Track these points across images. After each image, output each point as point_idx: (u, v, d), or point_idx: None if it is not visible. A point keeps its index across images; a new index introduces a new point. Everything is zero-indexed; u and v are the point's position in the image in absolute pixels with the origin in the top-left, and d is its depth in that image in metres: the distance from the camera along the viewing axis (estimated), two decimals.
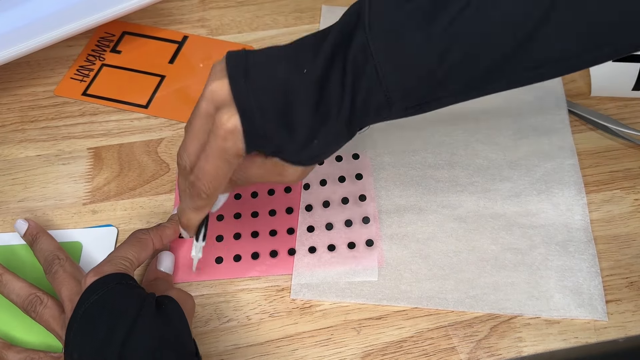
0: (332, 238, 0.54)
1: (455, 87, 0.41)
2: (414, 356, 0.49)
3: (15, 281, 0.49)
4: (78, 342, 0.42)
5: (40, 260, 0.51)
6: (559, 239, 0.54)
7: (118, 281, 0.45)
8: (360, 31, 0.40)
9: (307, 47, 0.42)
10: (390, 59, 0.39)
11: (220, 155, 0.41)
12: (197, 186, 0.43)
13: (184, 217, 0.47)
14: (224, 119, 0.40)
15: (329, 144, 0.43)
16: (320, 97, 0.41)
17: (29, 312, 0.48)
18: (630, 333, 0.50)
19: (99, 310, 0.43)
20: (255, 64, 0.41)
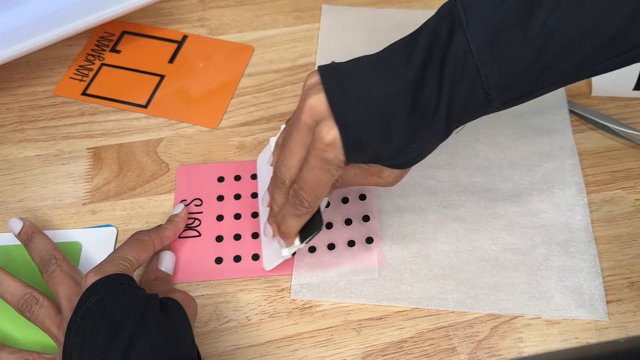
0: (332, 237, 0.54)
1: (550, 80, 0.42)
2: (414, 356, 0.49)
3: (10, 280, 0.48)
4: (78, 343, 0.42)
5: (35, 259, 0.50)
6: (560, 239, 0.54)
7: (120, 282, 0.45)
8: (459, 31, 0.41)
9: (398, 53, 0.43)
10: (491, 57, 0.40)
11: (322, 166, 0.43)
12: (300, 196, 0.45)
13: (285, 224, 0.47)
14: (323, 131, 0.42)
15: (426, 146, 0.45)
16: (415, 102, 0.41)
17: (24, 311, 0.47)
18: (631, 333, 0.50)
19: (101, 310, 0.43)
20: (348, 76, 0.43)
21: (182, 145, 0.61)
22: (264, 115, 0.63)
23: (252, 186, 0.58)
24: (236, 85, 0.65)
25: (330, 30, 0.69)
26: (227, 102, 0.64)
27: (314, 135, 0.43)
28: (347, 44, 0.68)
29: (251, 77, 0.66)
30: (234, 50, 0.68)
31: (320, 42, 0.68)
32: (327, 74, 0.43)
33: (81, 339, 0.42)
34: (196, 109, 0.64)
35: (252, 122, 0.63)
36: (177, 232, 0.54)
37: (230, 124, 0.62)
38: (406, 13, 0.70)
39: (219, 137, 0.61)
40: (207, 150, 0.60)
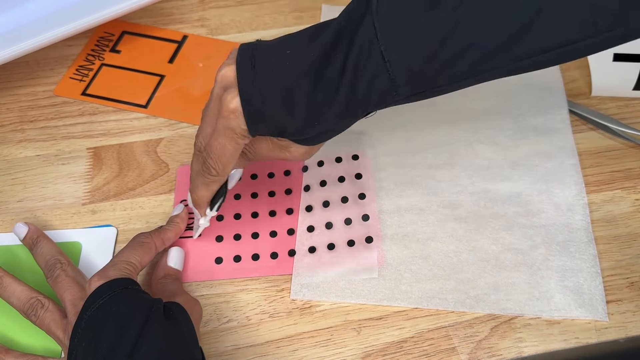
0: (332, 237, 0.54)
1: (456, 72, 0.42)
2: (414, 357, 0.49)
3: (15, 284, 0.48)
4: (83, 347, 0.42)
5: (40, 264, 0.50)
6: (560, 239, 0.54)
7: (124, 286, 0.45)
8: (368, 16, 0.41)
9: (308, 33, 0.44)
10: (396, 42, 0.40)
11: (226, 134, 0.44)
12: (207, 163, 0.46)
13: (195, 193, 0.49)
14: (227, 99, 0.44)
15: (329, 125, 0.45)
16: (318, 79, 0.42)
17: (30, 315, 0.47)
18: (631, 333, 0.50)
19: (105, 315, 0.43)
20: (262, 51, 0.44)
21: (182, 145, 0.61)
22: None
23: (252, 186, 0.58)
24: None
25: None
26: None
27: (220, 102, 0.44)
28: None
29: None
30: None
31: None
32: (245, 49, 0.44)
33: (86, 343, 0.42)
34: (196, 109, 0.63)
35: None
36: (178, 233, 0.54)
37: None
38: None
39: None
40: None
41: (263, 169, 0.59)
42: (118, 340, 0.41)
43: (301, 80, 0.42)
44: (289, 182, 0.58)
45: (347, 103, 0.43)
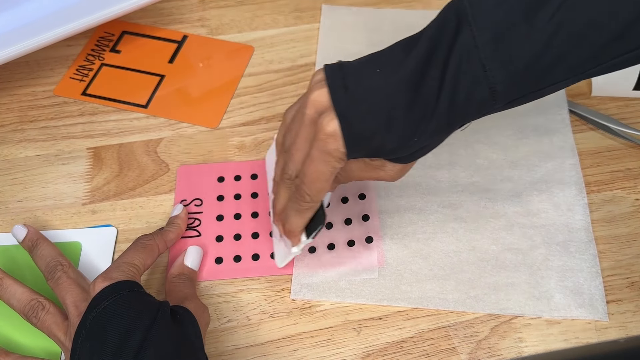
0: (332, 237, 0.54)
1: (557, 76, 0.41)
2: (414, 356, 0.49)
3: (15, 286, 0.48)
4: (87, 348, 0.42)
5: (41, 266, 0.50)
6: (560, 239, 0.54)
7: (129, 288, 0.45)
8: (465, 25, 0.40)
9: (402, 47, 0.43)
10: (496, 51, 0.40)
11: (323, 158, 0.43)
12: (302, 190, 0.45)
13: (288, 223, 0.48)
14: (324, 122, 0.42)
15: (428, 140, 0.44)
16: (416, 94, 0.41)
17: (30, 317, 0.47)
18: (631, 333, 0.50)
19: (110, 317, 0.43)
20: (351, 71, 0.43)
21: (182, 145, 0.61)
22: (264, 115, 0.63)
23: (252, 186, 0.58)
24: (236, 85, 0.65)
25: (331, 30, 0.69)
26: (227, 102, 0.64)
27: (316, 126, 0.43)
28: (347, 44, 0.68)
29: (251, 77, 0.66)
30: (234, 50, 0.68)
31: (320, 42, 0.68)
32: (332, 71, 0.43)
33: (90, 345, 0.42)
34: (196, 109, 0.64)
35: (252, 122, 0.63)
36: (180, 233, 0.54)
37: (230, 124, 0.62)
38: (406, 13, 0.70)
39: (219, 137, 0.61)
40: (207, 150, 0.60)
41: (263, 169, 0.59)
42: (123, 343, 0.41)
43: (398, 97, 0.41)
44: None
45: (447, 116, 0.42)
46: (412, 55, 0.41)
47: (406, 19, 0.70)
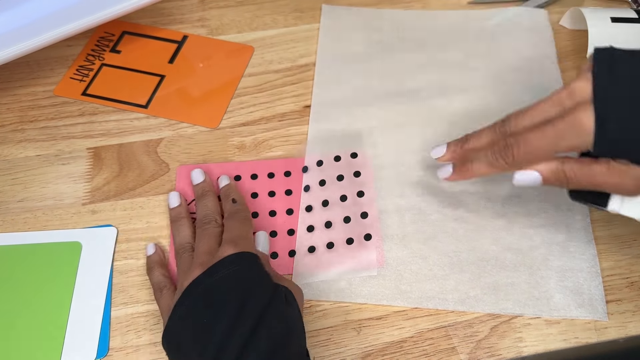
0: (331, 236, 0.54)
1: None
2: (414, 356, 0.49)
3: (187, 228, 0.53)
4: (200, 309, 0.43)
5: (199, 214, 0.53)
6: (560, 239, 0.54)
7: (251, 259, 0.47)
8: None
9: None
10: None
11: (557, 141, 0.42)
12: (510, 150, 0.45)
13: (474, 163, 0.48)
14: (583, 117, 0.41)
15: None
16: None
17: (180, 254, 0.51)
18: (631, 333, 0.50)
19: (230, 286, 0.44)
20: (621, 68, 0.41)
21: (182, 145, 0.61)
22: (264, 115, 0.63)
23: (252, 186, 0.58)
24: (236, 85, 0.65)
25: (330, 30, 0.69)
26: (227, 102, 0.64)
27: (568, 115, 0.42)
28: (347, 44, 0.68)
29: (251, 77, 0.66)
30: (234, 50, 0.68)
31: (320, 42, 0.68)
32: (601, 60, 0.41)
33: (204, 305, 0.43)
34: (196, 109, 0.64)
35: (252, 122, 0.63)
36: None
37: (230, 124, 0.63)
38: (406, 13, 0.71)
39: (219, 137, 0.62)
40: (207, 150, 0.60)
41: (263, 169, 0.59)
42: (237, 320, 0.42)
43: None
44: (289, 183, 0.58)
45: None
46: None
47: (405, 19, 0.70)
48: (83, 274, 0.53)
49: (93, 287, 0.52)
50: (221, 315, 0.42)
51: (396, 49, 0.67)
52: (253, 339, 0.41)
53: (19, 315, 0.50)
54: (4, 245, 0.55)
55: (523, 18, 0.69)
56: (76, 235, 0.55)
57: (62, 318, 0.51)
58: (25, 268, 0.53)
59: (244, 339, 0.41)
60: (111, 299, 0.52)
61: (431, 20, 0.70)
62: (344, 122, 0.61)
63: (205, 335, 0.42)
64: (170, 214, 0.55)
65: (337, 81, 0.65)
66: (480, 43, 0.67)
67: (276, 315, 0.43)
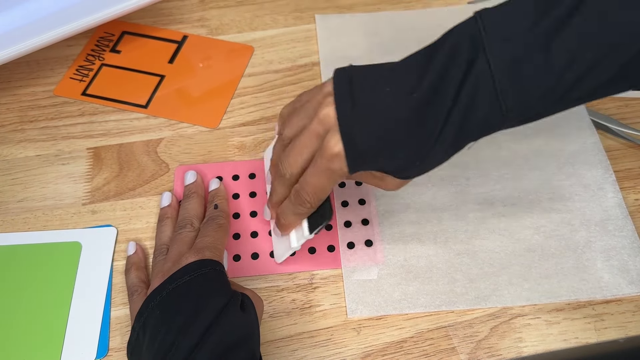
0: (332, 239, 0.54)
1: (569, 101, 0.41)
2: (414, 356, 0.49)
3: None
4: (157, 316, 0.44)
5: (179, 215, 0.54)
6: (597, 219, 0.54)
7: (212, 267, 0.47)
8: (480, 55, 0.40)
9: (412, 70, 0.42)
10: (511, 80, 0.39)
11: (327, 174, 0.45)
12: (301, 196, 0.46)
13: (285, 219, 0.49)
14: (331, 143, 0.43)
15: (430, 164, 0.44)
16: (421, 121, 0.41)
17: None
18: (631, 333, 0.50)
19: (187, 292, 0.45)
20: (361, 83, 0.43)
21: (182, 145, 0.61)
22: (264, 115, 0.63)
23: (251, 185, 0.58)
24: (236, 85, 0.65)
25: (329, 40, 0.68)
26: (227, 102, 0.64)
27: (322, 143, 0.44)
28: (347, 51, 0.67)
29: (251, 77, 0.66)
30: (234, 50, 0.68)
31: (321, 52, 0.67)
32: (340, 84, 0.44)
33: (161, 312, 0.44)
34: (196, 109, 0.64)
35: (252, 122, 0.63)
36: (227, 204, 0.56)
37: (230, 124, 0.62)
38: (403, 14, 0.70)
39: (219, 137, 0.61)
40: (207, 150, 0.60)
41: (262, 169, 0.59)
42: (192, 321, 0.42)
43: (405, 122, 0.41)
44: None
45: (453, 141, 0.42)
46: (425, 81, 0.41)
47: (403, 20, 0.70)
48: (83, 274, 0.53)
49: (93, 287, 0.52)
50: (173, 323, 0.43)
51: (397, 50, 0.67)
52: (197, 347, 0.41)
53: (19, 316, 0.50)
54: (4, 245, 0.55)
55: None
56: (76, 236, 0.55)
57: (62, 318, 0.51)
58: (25, 268, 0.53)
59: (188, 348, 0.41)
60: (111, 299, 0.52)
61: (430, 19, 0.69)
62: None
63: (157, 344, 0.42)
64: (159, 212, 0.55)
65: None
66: None
67: (227, 323, 0.43)
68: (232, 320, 0.43)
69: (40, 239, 0.55)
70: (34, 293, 0.52)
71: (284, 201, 0.49)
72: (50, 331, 0.50)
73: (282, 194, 0.48)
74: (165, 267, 0.48)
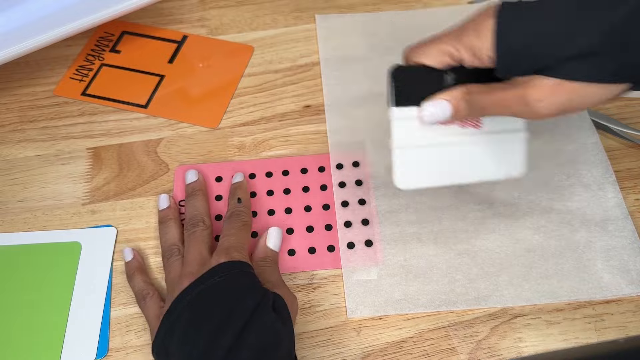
0: (333, 239, 0.54)
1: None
2: (414, 357, 0.49)
3: (174, 228, 0.53)
4: (186, 318, 0.44)
5: (187, 214, 0.53)
6: (597, 219, 0.54)
7: (241, 269, 0.47)
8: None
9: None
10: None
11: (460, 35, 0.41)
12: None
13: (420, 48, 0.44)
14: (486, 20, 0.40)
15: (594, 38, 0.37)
16: None
17: (164, 258, 0.51)
18: (631, 333, 0.50)
19: (219, 293, 0.45)
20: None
21: (182, 145, 0.61)
22: (264, 115, 0.63)
23: (250, 185, 0.58)
24: (236, 85, 0.65)
25: (329, 40, 0.68)
26: (227, 102, 0.64)
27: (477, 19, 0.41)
28: (347, 51, 0.67)
29: (251, 77, 0.66)
30: (234, 50, 0.68)
31: (321, 53, 0.67)
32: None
33: (191, 314, 0.44)
34: (196, 109, 0.64)
35: (252, 122, 0.63)
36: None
37: (230, 124, 0.62)
38: (402, 14, 0.70)
39: (219, 137, 0.61)
40: (207, 150, 0.60)
41: (262, 169, 0.59)
42: (226, 323, 0.42)
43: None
44: (287, 182, 0.58)
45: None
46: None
47: (402, 20, 0.69)
48: (83, 274, 0.53)
49: (93, 287, 0.52)
50: (206, 324, 0.43)
51: (397, 50, 0.67)
52: (235, 348, 0.41)
53: (19, 315, 0.50)
54: (4, 245, 0.55)
55: None
56: (76, 236, 0.55)
57: (62, 318, 0.51)
58: (25, 268, 0.53)
59: (226, 349, 0.41)
60: (111, 299, 0.52)
61: (429, 19, 0.69)
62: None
63: (190, 346, 0.42)
64: (158, 215, 0.55)
65: (343, 89, 0.64)
66: None
67: (261, 324, 0.43)
68: (266, 321, 0.43)
69: (40, 239, 0.55)
70: (33, 293, 0.52)
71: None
72: (50, 331, 0.50)
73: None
74: (190, 269, 0.47)
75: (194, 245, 0.50)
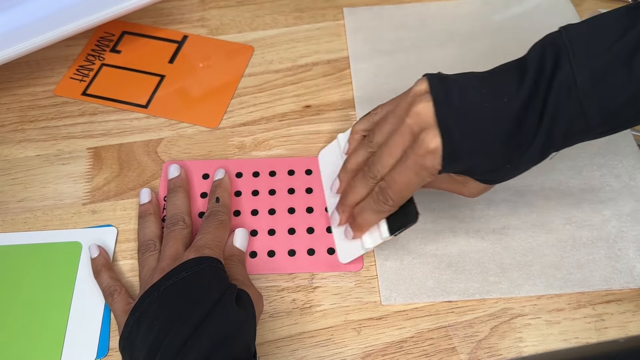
0: (332, 241, 0.54)
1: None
2: (414, 356, 0.49)
3: (153, 224, 0.53)
4: (153, 311, 0.44)
5: (168, 212, 0.54)
6: (628, 210, 0.55)
7: (210, 264, 0.47)
8: (564, 62, 0.42)
9: (507, 79, 0.44)
10: (595, 91, 0.41)
11: (416, 171, 0.44)
12: (386, 194, 0.46)
13: (364, 218, 0.49)
14: (427, 139, 0.43)
15: (519, 168, 0.46)
16: (518, 126, 0.43)
17: (140, 252, 0.52)
18: (631, 333, 0.50)
19: (184, 288, 0.45)
20: (455, 89, 0.44)
21: (182, 145, 0.61)
22: (264, 115, 0.63)
23: (235, 185, 0.58)
24: (236, 85, 0.65)
25: (358, 32, 0.69)
26: (227, 102, 0.64)
27: (416, 141, 0.44)
28: (376, 44, 0.68)
29: (251, 77, 0.66)
30: (234, 50, 0.68)
31: (350, 46, 0.68)
32: (435, 83, 0.44)
33: (158, 307, 0.44)
34: (196, 109, 0.64)
35: (252, 122, 0.63)
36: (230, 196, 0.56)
37: (230, 124, 0.63)
38: (428, 6, 0.71)
39: (219, 137, 0.61)
40: (207, 150, 0.60)
41: (264, 168, 0.59)
42: (187, 313, 0.43)
43: (502, 124, 0.43)
44: (291, 182, 0.58)
45: (542, 149, 0.44)
46: (520, 92, 0.42)
47: (428, 12, 0.70)
48: (83, 274, 0.53)
49: (93, 287, 0.52)
50: (169, 315, 0.43)
51: (427, 42, 0.68)
52: (193, 337, 0.42)
53: (19, 315, 0.50)
54: (4, 245, 0.55)
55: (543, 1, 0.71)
56: (76, 235, 0.55)
57: (62, 318, 0.51)
58: (25, 268, 0.53)
59: (185, 338, 0.42)
60: None
61: (454, 10, 0.70)
62: None
63: (152, 337, 0.43)
64: (139, 209, 0.55)
65: (374, 83, 0.64)
66: (506, 31, 0.68)
67: (223, 315, 0.44)
68: (228, 312, 0.44)
69: (40, 239, 0.55)
70: (34, 293, 0.52)
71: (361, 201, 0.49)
72: (50, 331, 0.50)
73: (362, 194, 0.49)
74: (164, 264, 0.48)
75: (171, 242, 0.50)
